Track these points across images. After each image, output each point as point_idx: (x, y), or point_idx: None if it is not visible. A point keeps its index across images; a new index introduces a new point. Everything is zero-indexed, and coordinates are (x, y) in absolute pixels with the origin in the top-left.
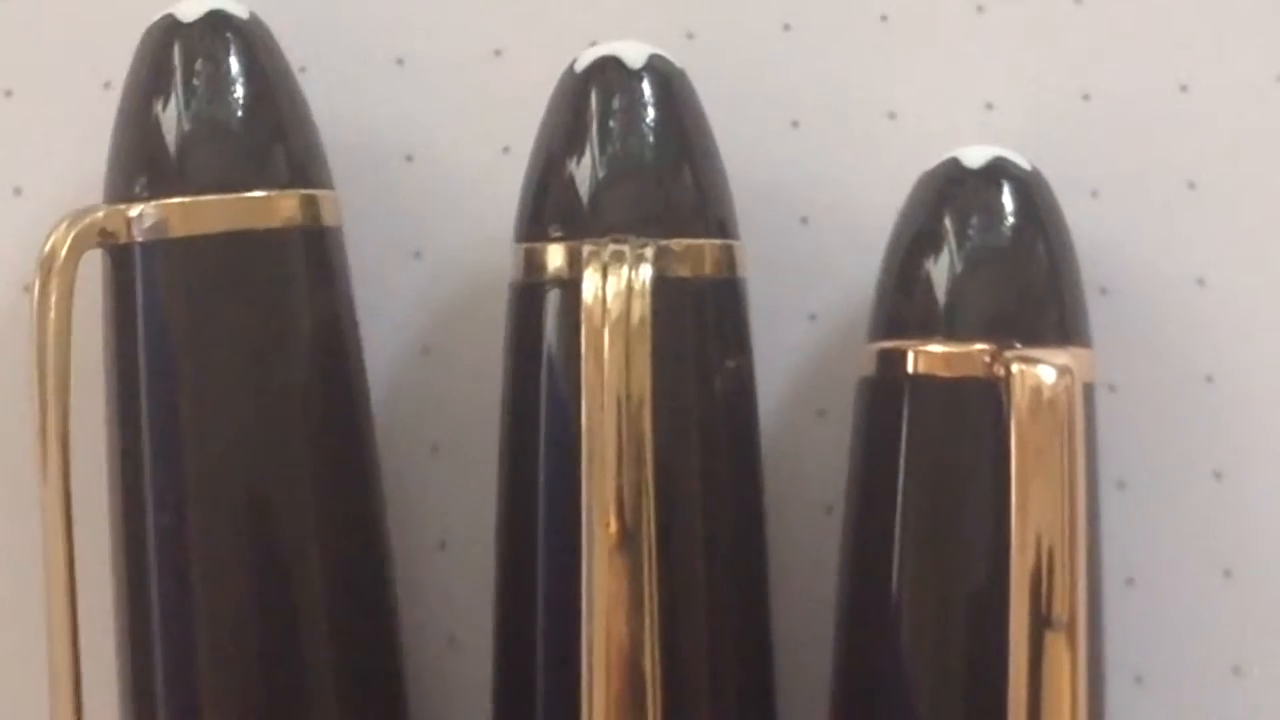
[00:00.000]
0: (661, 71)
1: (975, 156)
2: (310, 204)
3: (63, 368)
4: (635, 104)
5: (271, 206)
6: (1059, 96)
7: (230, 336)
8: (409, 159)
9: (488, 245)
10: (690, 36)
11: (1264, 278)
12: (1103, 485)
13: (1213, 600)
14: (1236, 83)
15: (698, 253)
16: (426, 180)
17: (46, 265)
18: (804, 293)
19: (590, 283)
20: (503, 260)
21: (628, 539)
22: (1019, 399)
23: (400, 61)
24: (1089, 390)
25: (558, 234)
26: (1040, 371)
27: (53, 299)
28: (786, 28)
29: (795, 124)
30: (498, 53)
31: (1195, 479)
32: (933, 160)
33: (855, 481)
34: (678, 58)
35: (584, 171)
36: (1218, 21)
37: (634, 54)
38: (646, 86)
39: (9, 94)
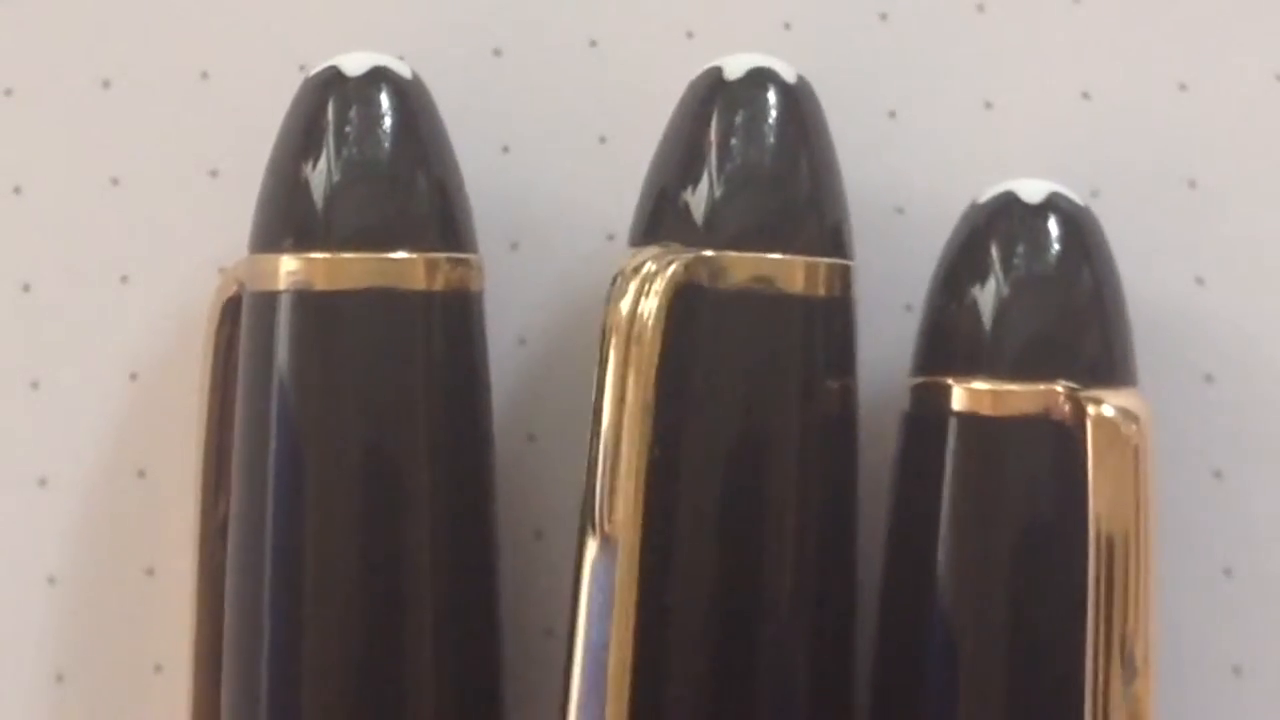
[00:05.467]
0: (799, 90)
1: (1033, 191)
2: (454, 268)
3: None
4: (761, 117)
5: (415, 268)
6: (1058, 95)
7: (361, 395)
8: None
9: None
10: (689, 35)
11: (1264, 277)
12: None
13: (1213, 599)
14: (1236, 81)
15: (810, 270)
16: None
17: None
18: None
19: (616, 291)
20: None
21: (608, 540)
22: (1099, 441)
23: (400, 59)
24: None
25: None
26: (1117, 413)
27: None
28: (787, 26)
29: None
30: (496, 52)
31: (1194, 478)
32: (931, 158)
33: (896, 518)
34: (678, 55)
35: (703, 185)
36: (1217, 20)
37: (786, 72)
38: (783, 100)
39: (9, 92)
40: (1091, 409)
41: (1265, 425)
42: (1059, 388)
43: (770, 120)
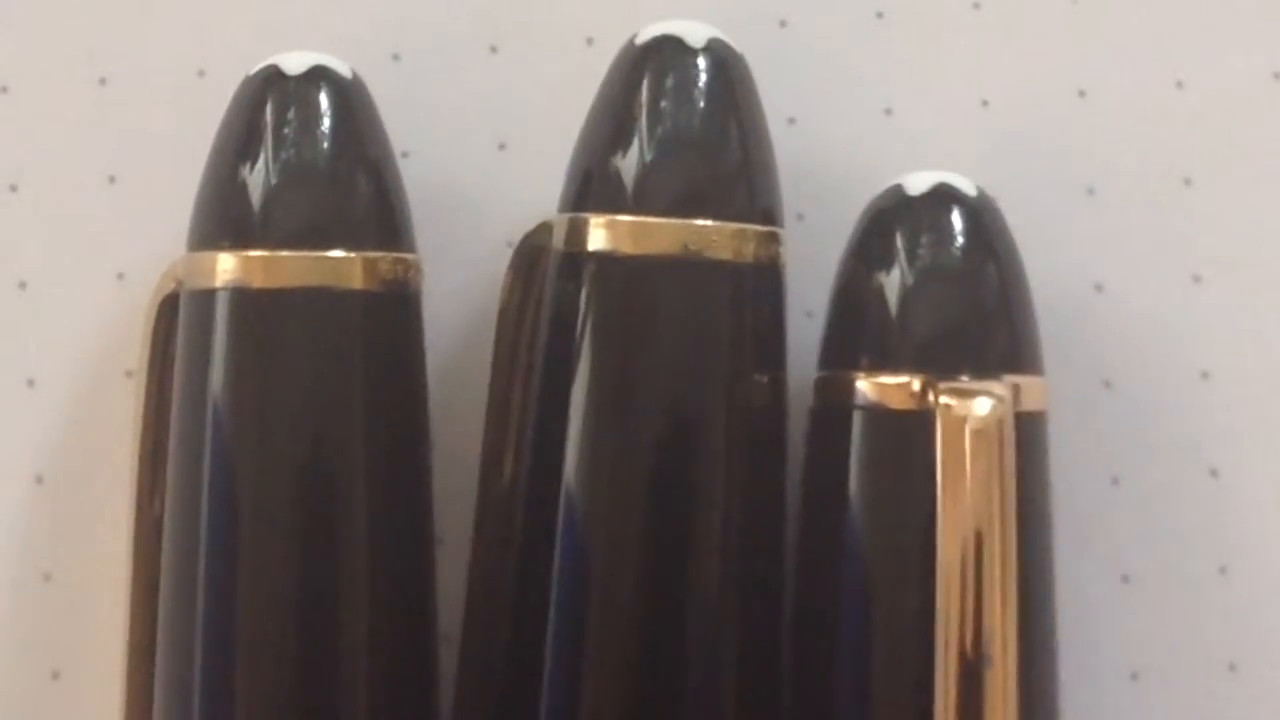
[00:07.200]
0: (719, 53)
1: (919, 183)
2: (391, 267)
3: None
4: (690, 83)
5: (352, 267)
6: (1054, 93)
7: (297, 393)
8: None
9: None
10: None
11: (1260, 274)
12: (1097, 482)
13: (1208, 597)
14: (1233, 80)
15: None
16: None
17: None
18: (800, 290)
19: None
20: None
21: None
22: (944, 432)
23: (396, 57)
24: (1040, 419)
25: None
26: (969, 403)
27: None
28: (782, 24)
29: (791, 120)
30: (493, 49)
31: (1191, 475)
32: (926, 156)
33: (803, 513)
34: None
35: (633, 151)
36: (1214, 18)
37: (695, 34)
38: (703, 65)
39: (5, 89)
40: (944, 400)
41: (1261, 423)
42: (926, 379)
43: (697, 87)
